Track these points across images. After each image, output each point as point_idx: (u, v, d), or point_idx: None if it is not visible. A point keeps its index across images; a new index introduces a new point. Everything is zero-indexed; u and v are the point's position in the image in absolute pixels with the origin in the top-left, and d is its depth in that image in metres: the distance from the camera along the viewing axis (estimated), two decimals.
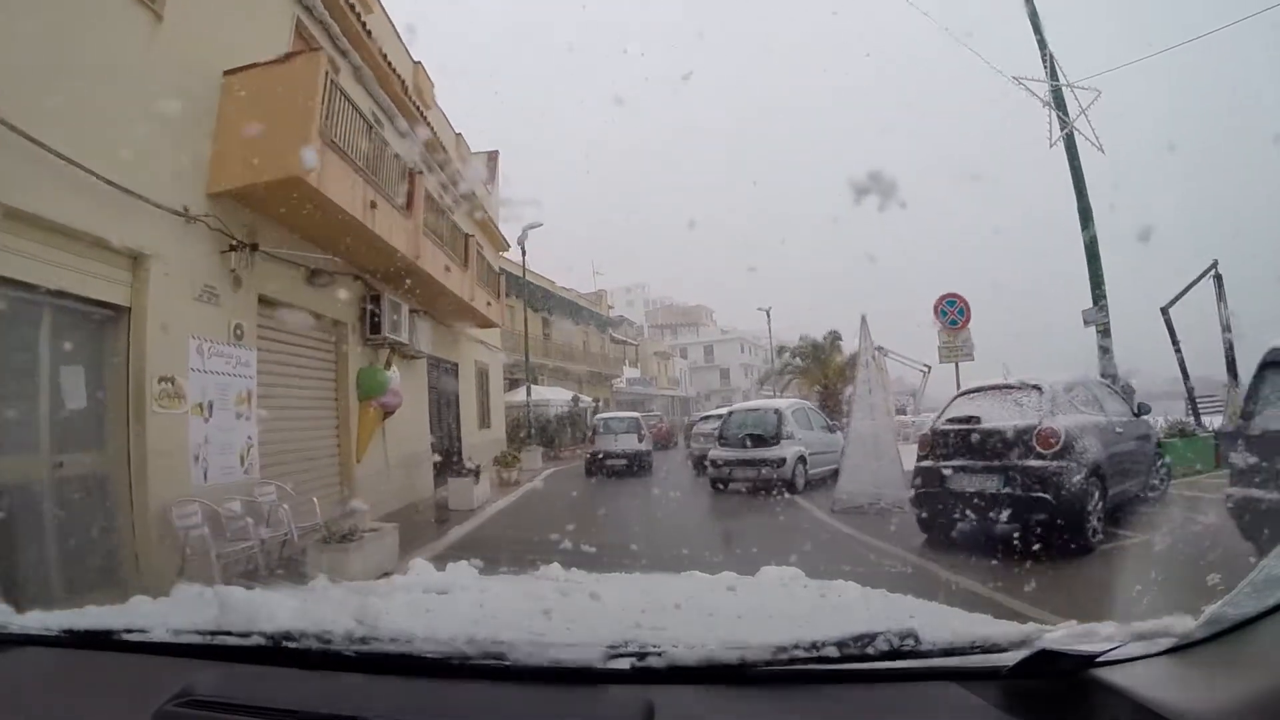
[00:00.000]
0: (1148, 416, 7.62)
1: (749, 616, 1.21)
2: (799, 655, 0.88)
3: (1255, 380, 4.48)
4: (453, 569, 1.77)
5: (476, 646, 0.93)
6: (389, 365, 8.90)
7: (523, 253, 20.37)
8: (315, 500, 6.45)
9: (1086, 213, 10.19)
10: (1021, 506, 5.33)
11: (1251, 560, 2.30)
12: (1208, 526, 5.64)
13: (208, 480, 5.65)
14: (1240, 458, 4.39)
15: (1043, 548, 4.77)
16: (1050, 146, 10.27)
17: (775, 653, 0.88)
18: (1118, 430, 6.44)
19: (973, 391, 6.55)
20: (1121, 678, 0.78)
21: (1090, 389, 6.77)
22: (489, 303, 13.67)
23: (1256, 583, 0.72)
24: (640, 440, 16.39)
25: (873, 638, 0.88)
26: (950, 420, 6.20)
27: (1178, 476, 8.19)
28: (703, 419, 19.19)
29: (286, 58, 6.40)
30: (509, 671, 0.91)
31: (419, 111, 11.25)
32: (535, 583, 1.65)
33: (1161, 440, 8.43)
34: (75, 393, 4.94)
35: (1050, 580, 4.48)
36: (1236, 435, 9.57)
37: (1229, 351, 12.89)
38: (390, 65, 9.84)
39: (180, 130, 5.64)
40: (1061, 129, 10.25)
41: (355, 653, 0.97)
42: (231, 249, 6.15)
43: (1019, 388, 6.12)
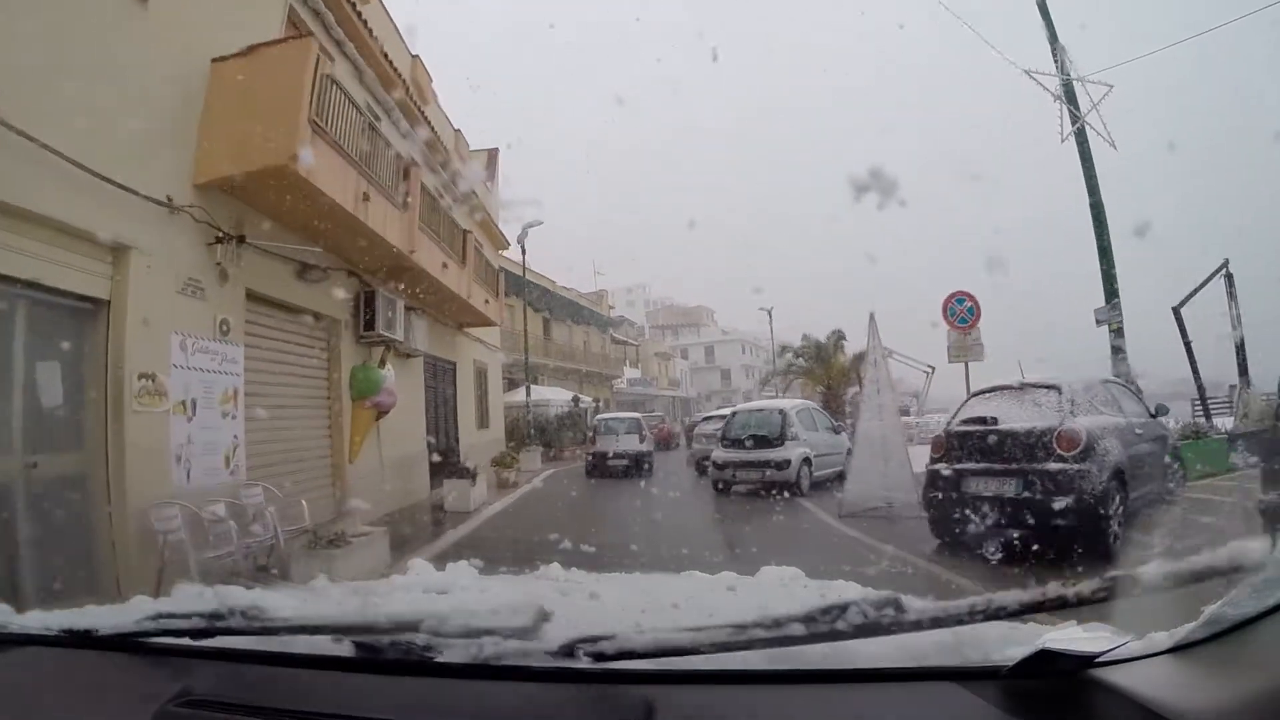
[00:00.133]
0: (1164, 418, 7.42)
1: (749, 616, 1.15)
2: (759, 636, 0.82)
3: None
4: (452, 569, 1.77)
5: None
6: (383, 363, 8.67)
7: (522, 251, 20.20)
8: (304, 503, 6.21)
9: (1099, 209, 9.97)
10: (1041, 511, 5.10)
11: None
12: (1225, 531, 5.55)
13: (190, 482, 5.43)
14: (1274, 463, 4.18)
15: (1058, 553, 4.56)
16: (1062, 141, 10.09)
17: (733, 633, 0.83)
18: (1137, 432, 6.24)
19: (988, 392, 6.31)
20: (1121, 678, 0.77)
21: (1109, 389, 6.57)
22: (487, 301, 13.49)
23: (1256, 583, 0.70)
24: (641, 441, 16.19)
25: (844, 609, 0.81)
26: (966, 421, 5.96)
27: (1189, 479, 7.95)
28: (704, 419, 18.97)
29: (275, 43, 6.19)
30: (510, 671, 0.90)
31: (416, 105, 11.04)
32: (535, 582, 1.65)
33: (1178, 443, 8.22)
34: (51, 390, 4.80)
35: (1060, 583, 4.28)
36: (1252, 437, 9.29)
37: (1239, 352, 12.65)
38: (387, 57, 9.63)
39: (165, 119, 5.47)
40: (1073, 124, 10.03)
41: (355, 653, 0.96)
42: (218, 241, 5.92)
43: (1036, 388, 5.91)
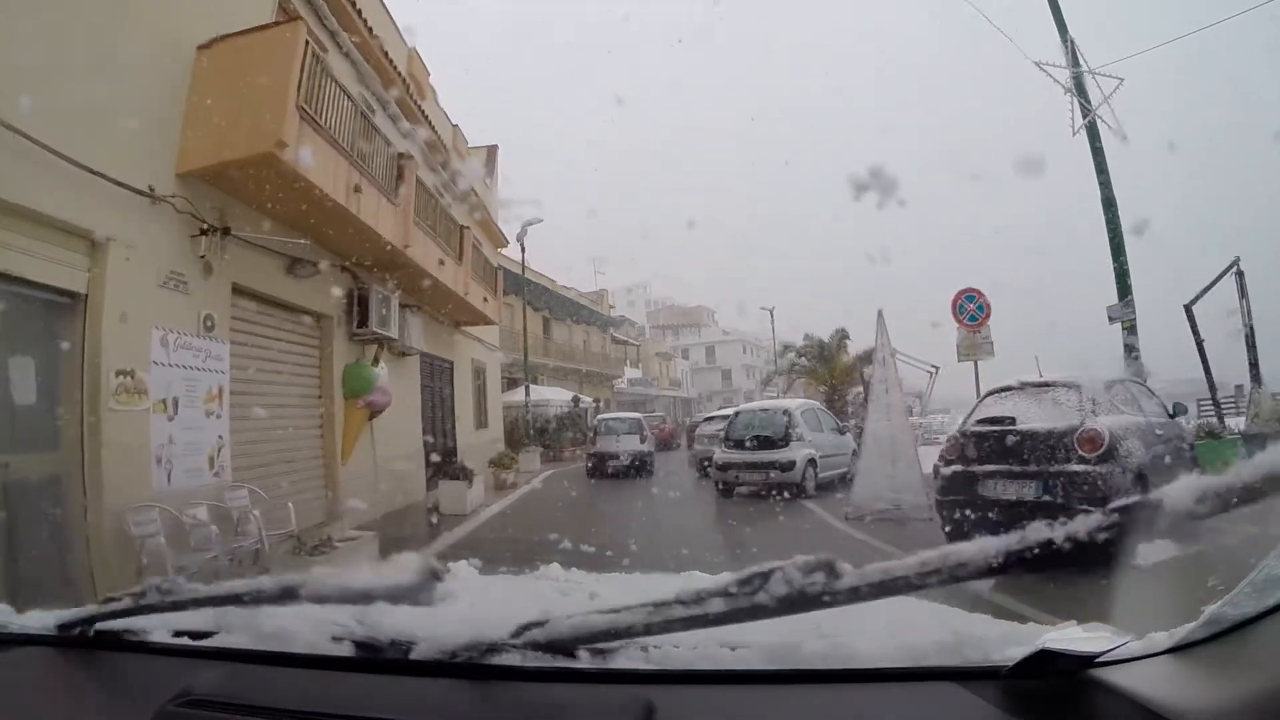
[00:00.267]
0: (1182, 418, 7.21)
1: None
2: (678, 615, 0.80)
3: None
4: (452, 568, 1.66)
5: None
6: (377, 362, 8.47)
7: (522, 249, 19.95)
8: (290, 506, 5.98)
9: (1111, 204, 9.73)
10: (1061, 515, 4.85)
11: None
12: (1243, 536, 5.32)
13: (171, 484, 5.21)
14: None
15: (1077, 558, 4.32)
16: (1074, 134, 9.81)
17: (652, 612, 0.81)
18: (1157, 432, 6.02)
19: (1003, 390, 6.07)
20: (1121, 678, 0.77)
21: (1128, 388, 6.35)
22: (486, 299, 13.27)
23: (1256, 583, 0.68)
24: (642, 441, 16.00)
25: (767, 575, 0.76)
26: (982, 421, 5.71)
27: None
28: (706, 420, 18.74)
29: (264, 27, 5.96)
30: (510, 671, 0.90)
31: (412, 97, 10.82)
32: (535, 582, 1.67)
33: (1195, 443, 8.01)
34: (24, 387, 4.60)
35: (1072, 587, 4.09)
36: (1264, 438, 9.12)
37: (1251, 351, 12.40)
38: (382, 48, 9.41)
39: (147, 105, 5.26)
40: (1084, 117, 9.79)
41: (355, 653, 0.96)
42: (202, 233, 5.70)
43: (1055, 386, 5.67)
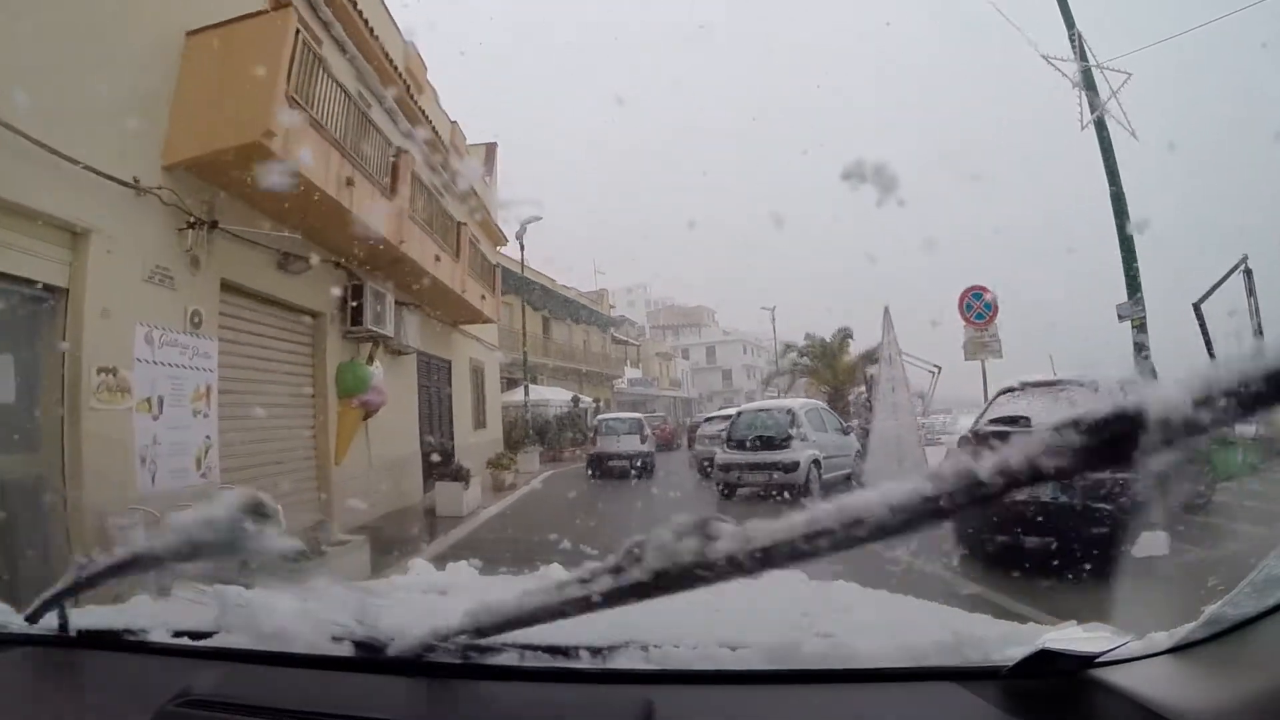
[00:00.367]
0: None
1: (748, 616, 1.18)
2: (573, 595, 0.75)
3: None
4: (452, 569, 1.78)
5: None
6: (372, 360, 8.28)
7: (521, 248, 19.81)
8: (279, 508, 5.78)
9: (1120, 200, 9.56)
10: (1079, 518, 4.70)
11: None
12: (1243, 536, 5.29)
13: (156, 485, 5.05)
14: None
15: (1093, 561, 4.18)
16: (1082, 129, 9.64)
17: (552, 593, 0.81)
18: None
19: (1015, 389, 5.90)
20: (1121, 678, 0.76)
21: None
22: (484, 297, 13.11)
23: (1256, 583, 0.66)
24: (643, 441, 15.85)
25: (644, 545, 0.71)
26: (995, 421, 5.54)
27: (1219, 481, 7.60)
28: (707, 420, 18.56)
29: (254, 15, 5.79)
30: (510, 671, 0.90)
31: (409, 92, 10.64)
32: (535, 582, 1.53)
33: (1209, 446, 7.86)
34: (2, 385, 4.45)
35: (1072, 587, 4.08)
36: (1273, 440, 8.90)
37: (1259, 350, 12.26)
38: (377, 39, 9.23)
39: (133, 93, 5.10)
40: (1093, 111, 9.62)
41: (355, 653, 0.95)
42: (189, 226, 5.52)
43: (1070, 384, 5.50)
